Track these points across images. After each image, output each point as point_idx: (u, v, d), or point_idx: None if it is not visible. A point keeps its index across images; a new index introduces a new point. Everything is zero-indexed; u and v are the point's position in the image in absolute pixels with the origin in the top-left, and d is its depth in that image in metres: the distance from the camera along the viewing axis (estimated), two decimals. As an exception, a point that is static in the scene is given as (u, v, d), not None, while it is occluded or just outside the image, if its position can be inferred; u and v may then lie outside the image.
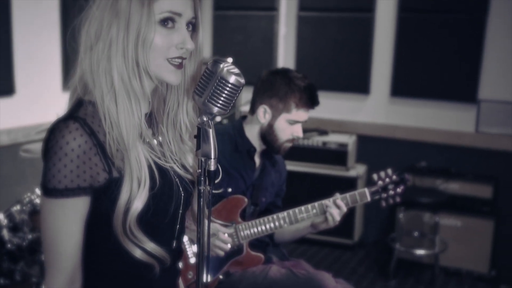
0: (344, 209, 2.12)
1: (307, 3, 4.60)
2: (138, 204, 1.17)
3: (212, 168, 1.17)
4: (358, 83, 4.50)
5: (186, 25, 1.22)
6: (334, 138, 4.34)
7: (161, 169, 1.25)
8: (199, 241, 1.18)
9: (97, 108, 1.18)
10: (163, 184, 1.24)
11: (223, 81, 1.13)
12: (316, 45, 4.60)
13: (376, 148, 4.48)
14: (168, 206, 1.26)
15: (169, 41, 1.19)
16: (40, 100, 3.62)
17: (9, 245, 2.63)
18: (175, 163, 1.31)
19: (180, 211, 1.33)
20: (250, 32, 4.79)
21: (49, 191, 1.15)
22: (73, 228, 1.18)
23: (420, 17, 4.23)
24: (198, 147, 1.17)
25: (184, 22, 1.21)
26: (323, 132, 4.43)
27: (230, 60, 4.03)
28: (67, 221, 1.17)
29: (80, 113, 1.18)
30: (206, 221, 1.18)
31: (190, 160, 1.34)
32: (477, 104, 4.11)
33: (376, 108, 4.51)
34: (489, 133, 4.09)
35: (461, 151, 4.20)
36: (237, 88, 1.15)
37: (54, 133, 1.14)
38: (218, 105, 1.15)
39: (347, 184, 4.16)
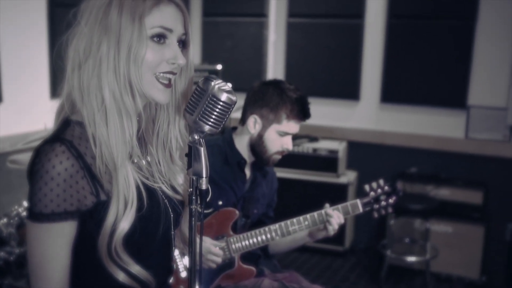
0: (343, 219, 2.12)
1: (297, 9, 4.59)
2: (124, 225, 1.15)
3: (204, 187, 1.15)
4: (348, 90, 4.49)
5: (177, 42, 1.20)
6: (324, 145, 4.32)
7: (149, 190, 1.23)
8: (191, 259, 1.16)
9: (85, 129, 1.15)
10: (151, 206, 1.22)
11: (215, 99, 1.12)
12: (305, 52, 4.59)
13: (367, 154, 4.48)
14: (156, 227, 1.24)
15: (160, 56, 1.17)
16: (27, 109, 3.57)
17: (-5, 260, 2.59)
18: (163, 184, 1.28)
19: (170, 232, 1.30)
20: (239, 38, 4.77)
21: (35, 216, 1.12)
22: (60, 253, 1.15)
23: (409, 23, 4.24)
24: (189, 165, 1.15)
25: (175, 38, 1.19)
26: (314, 139, 4.42)
27: (219, 67, 4.02)
28: (54, 246, 1.14)
29: (67, 135, 1.15)
30: (198, 239, 1.15)
31: (180, 180, 1.32)
32: (466, 110, 4.12)
33: (366, 115, 4.51)
34: (479, 139, 4.10)
35: (451, 157, 4.21)
36: (228, 106, 1.14)
37: (39, 156, 1.11)
38: (210, 123, 1.13)
39: (338, 191, 4.15)
